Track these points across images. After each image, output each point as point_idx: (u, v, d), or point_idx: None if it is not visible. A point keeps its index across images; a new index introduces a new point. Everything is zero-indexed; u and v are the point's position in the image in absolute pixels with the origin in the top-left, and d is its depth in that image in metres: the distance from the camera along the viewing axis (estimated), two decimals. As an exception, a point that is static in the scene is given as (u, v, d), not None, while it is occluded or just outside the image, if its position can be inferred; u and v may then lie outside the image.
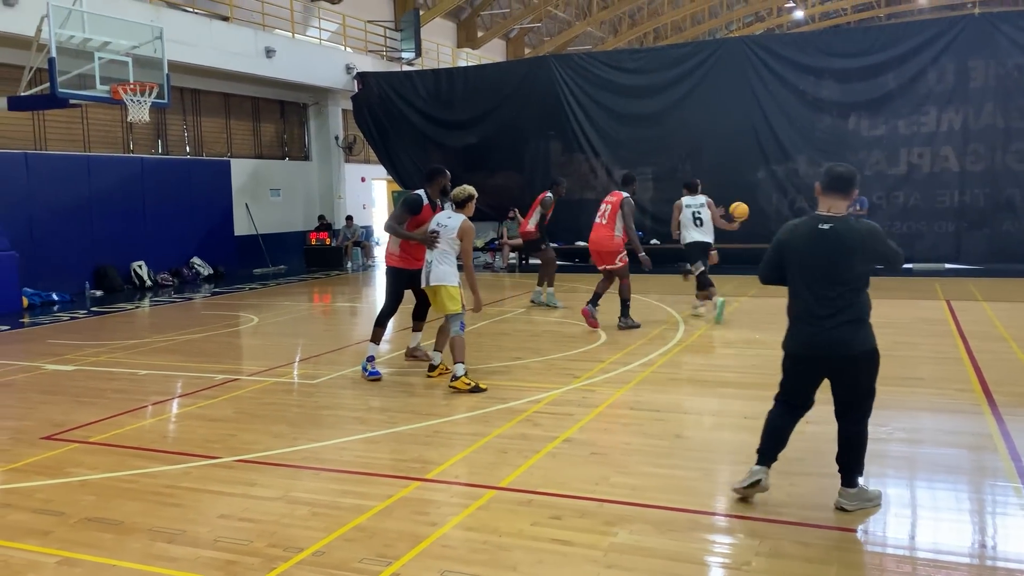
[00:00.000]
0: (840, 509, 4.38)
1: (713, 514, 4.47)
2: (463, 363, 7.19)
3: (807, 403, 4.53)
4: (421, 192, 7.92)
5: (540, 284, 12.63)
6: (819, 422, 5.97)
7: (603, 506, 4.51)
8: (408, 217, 7.75)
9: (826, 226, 4.25)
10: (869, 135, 16.87)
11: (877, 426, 5.83)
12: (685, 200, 10.86)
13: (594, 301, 10.19)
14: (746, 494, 4.50)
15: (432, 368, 7.90)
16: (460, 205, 7.57)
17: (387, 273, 8.22)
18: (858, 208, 16.34)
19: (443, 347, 7.85)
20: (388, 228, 7.87)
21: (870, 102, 16.74)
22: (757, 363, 8.11)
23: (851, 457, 4.40)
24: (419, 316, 8.40)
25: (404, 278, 7.95)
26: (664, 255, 17.55)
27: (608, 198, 10.40)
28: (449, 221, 7.41)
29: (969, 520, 4.38)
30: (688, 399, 6.85)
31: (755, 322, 10.57)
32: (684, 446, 5.59)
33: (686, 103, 18.07)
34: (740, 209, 10.68)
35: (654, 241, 18.50)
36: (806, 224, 4.36)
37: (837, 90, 16.95)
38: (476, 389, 7.08)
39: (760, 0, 41.76)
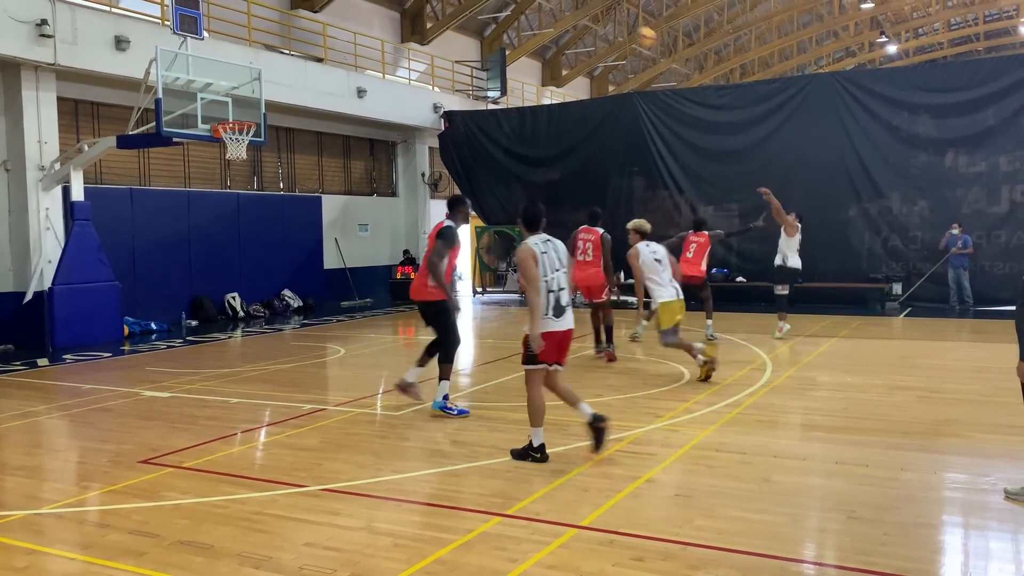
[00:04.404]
0: None
1: (801, 561, 4.32)
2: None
3: None
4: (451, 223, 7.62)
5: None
6: (914, 469, 5.75)
7: (687, 549, 4.41)
8: (449, 251, 7.53)
9: None
10: (968, 172, 16.31)
11: (979, 476, 5.59)
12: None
13: (608, 339, 10.71)
14: None
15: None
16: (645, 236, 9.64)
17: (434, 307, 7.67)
18: (960, 246, 15.75)
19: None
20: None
21: (969, 138, 16.20)
22: (848, 406, 7.85)
23: None
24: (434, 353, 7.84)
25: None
26: (751, 293, 17.29)
27: (583, 235, 10.57)
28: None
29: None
30: (776, 442, 6.66)
31: (846, 365, 10.25)
32: (772, 490, 5.43)
33: (773, 139, 17.81)
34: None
35: (740, 279, 18.20)
36: None
37: (933, 126, 16.46)
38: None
39: (851, 35, 41.01)
